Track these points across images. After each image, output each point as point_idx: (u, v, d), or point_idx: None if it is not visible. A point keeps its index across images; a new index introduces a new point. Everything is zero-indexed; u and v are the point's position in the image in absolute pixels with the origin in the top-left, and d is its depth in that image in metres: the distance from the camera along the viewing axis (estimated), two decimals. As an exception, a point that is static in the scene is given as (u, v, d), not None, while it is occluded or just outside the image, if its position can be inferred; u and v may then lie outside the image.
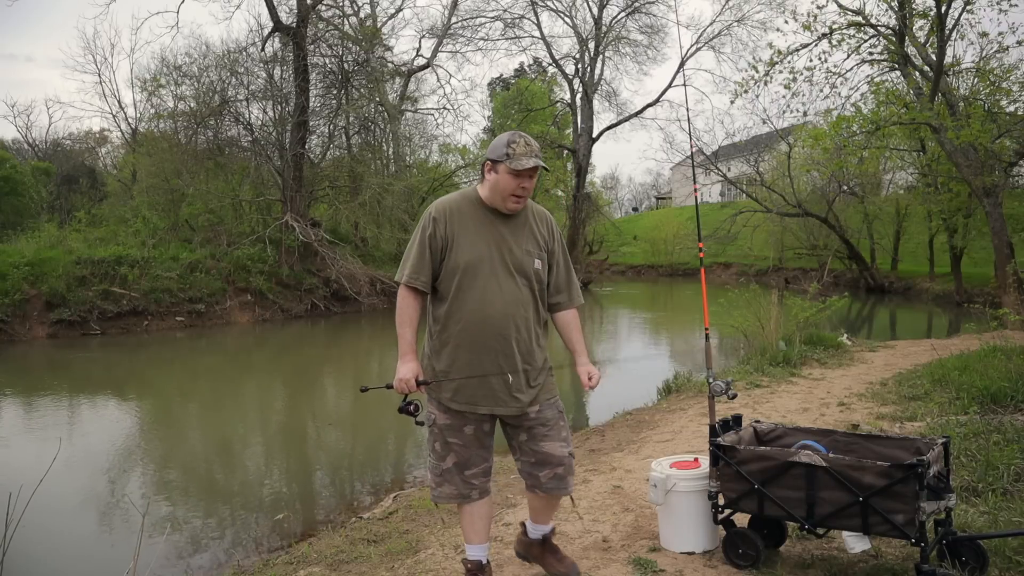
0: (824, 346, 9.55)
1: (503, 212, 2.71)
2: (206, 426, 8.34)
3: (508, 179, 2.64)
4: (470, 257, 2.66)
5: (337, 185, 21.46)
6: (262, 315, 17.38)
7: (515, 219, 2.75)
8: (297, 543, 4.27)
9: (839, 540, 3.15)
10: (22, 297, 14.30)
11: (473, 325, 2.65)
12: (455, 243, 2.67)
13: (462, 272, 2.66)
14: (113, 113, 41.90)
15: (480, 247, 2.67)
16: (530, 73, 36.17)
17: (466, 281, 2.66)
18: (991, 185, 14.89)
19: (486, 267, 2.66)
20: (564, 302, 2.86)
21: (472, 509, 2.81)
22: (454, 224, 2.68)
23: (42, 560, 4.38)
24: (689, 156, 30.11)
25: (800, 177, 25.15)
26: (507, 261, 2.69)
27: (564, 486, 2.78)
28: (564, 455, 2.77)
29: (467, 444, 2.73)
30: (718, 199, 39.89)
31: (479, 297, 2.65)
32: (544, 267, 2.78)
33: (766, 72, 16.37)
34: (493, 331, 2.65)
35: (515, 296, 2.69)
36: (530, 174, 2.65)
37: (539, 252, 2.76)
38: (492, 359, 2.66)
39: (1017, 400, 5.31)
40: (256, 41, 19.96)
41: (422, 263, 2.67)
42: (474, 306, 2.65)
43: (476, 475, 2.77)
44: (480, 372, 2.66)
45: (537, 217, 2.82)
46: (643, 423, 6.30)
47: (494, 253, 2.68)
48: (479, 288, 2.65)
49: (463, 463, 2.74)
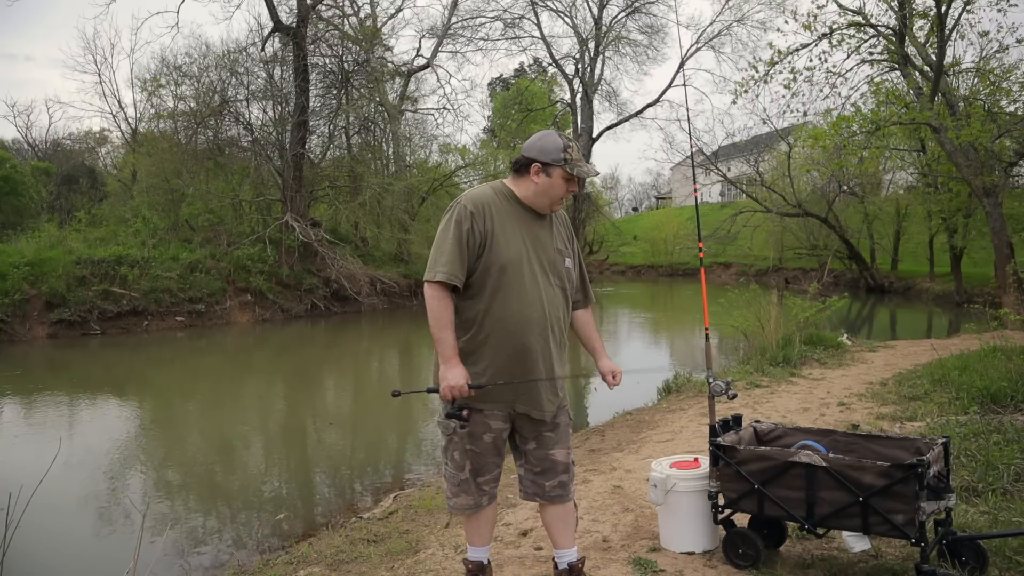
0: (824, 346, 9.56)
1: (539, 213, 2.67)
2: (206, 426, 8.33)
3: (562, 184, 2.62)
4: (509, 256, 2.57)
5: (337, 185, 21.46)
6: (262, 315, 17.38)
7: (545, 218, 2.71)
8: (297, 543, 4.27)
9: (839, 540, 3.15)
10: (22, 297, 14.30)
11: (516, 326, 2.57)
12: (493, 240, 2.57)
13: (502, 271, 2.56)
14: (113, 113, 41.99)
15: (518, 246, 2.60)
16: (530, 73, 36.20)
17: (506, 280, 2.57)
18: (991, 185, 14.88)
19: (525, 267, 2.60)
20: (581, 300, 2.85)
21: (481, 515, 2.76)
22: (492, 220, 2.58)
23: (42, 560, 4.38)
24: (689, 156, 30.11)
25: (800, 177, 25.15)
26: (543, 261, 2.65)
27: (566, 493, 2.74)
28: (568, 462, 2.74)
29: (483, 452, 2.66)
30: (718, 199, 39.90)
31: (520, 298, 2.57)
32: (572, 266, 2.76)
33: (766, 72, 16.38)
34: (535, 332, 2.59)
35: (552, 296, 2.66)
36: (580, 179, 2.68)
37: (566, 251, 2.74)
38: (534, 361, 2.59)
39: (1017, 400, 5.31)
40: (256, 41, 19.99)
41: (460, 259, 2.53)
42: (516, 307, 2.57)
43: (488, 482, 2.71)
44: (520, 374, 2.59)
45: (559, 217, 2.79)
46: (643, 423, 6.30)
47: (531, 252, 2.62)
48: (520, 288, 2.58)
49: (477, 470, 2.68)
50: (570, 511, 2.80)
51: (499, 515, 3.96)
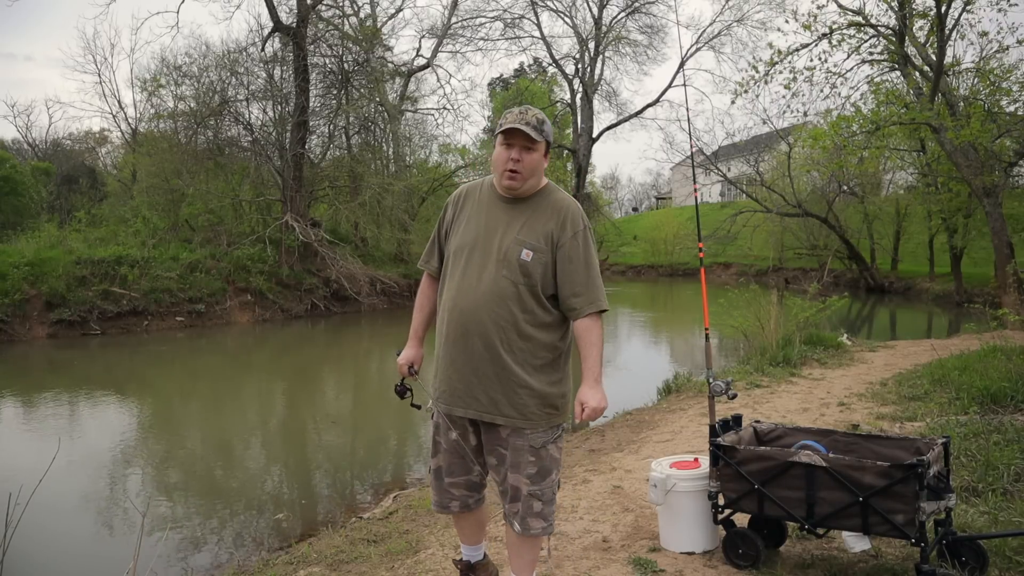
0: (824, 346, 9.55)
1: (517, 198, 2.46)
2: (206, 426, 8.33)
3: (499, 151, 2.40)
4: (460, 242, 2.49)
5: (337, 185, 21.46)
6: (262, 315, 17.37)
7: (523, 205, 2.46)
8: (297, 543, 4.27)
9: (839, 540, 3.15)
10: (22, 297, 14.29)
11: (448, 313, 2.45)
12: (454, 226, 2.55)
13: (451, 256, 2.51)
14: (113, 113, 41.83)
15: (472, 231, 2.47)
16: (530, 73, 36.20)
17: (451, 267, 2.49)
18: (991, 185, 14.89)
19: (473, 253, 2.43)
20: (580, 307, 2.41)
21: (459, 519, 2.67)
22: (462, 207, 2.55)
23: (42, 560, 4.38)
24: (689, 156, 30.11)
25: (800, 177, 25.15)
26: (494, 248, 2.41)
27: (525, 527, 2.45)
28: (525, 494, 2.44)
29: (449, 449, 2.55)
30: (718, 199, 39.89)
31: (456, 286, 2.44)
32: (541, 261, 2.39)
33: (766, 72, 16.39)
34: (463, 325, 2.40)
35: (492, 288, 2.37)
36: (523, 145, 2.36)
37: (534, 243, 2.40)
38: (459, 350, 2.42)
39: (1017, 400, 5.31)
40: (256, 41, 19.98)
41: (433, 248, 2.65)
42: (452, 294, 2.45)
43: (457, 485, 2.56)
44: (450, 365, 2.44)
45: (555, 206, 2.46)
46: (643, 423, 6.30)
47: (482, 238, 2.44)
48: (458, 276, 2.45)
49: (443, 467, 2.57)
50: (527, 545, 2.55)
51: (499, 514, 3.95)
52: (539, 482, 2.45)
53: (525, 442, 2.43)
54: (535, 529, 2.47)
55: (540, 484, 2.46)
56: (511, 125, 2.34)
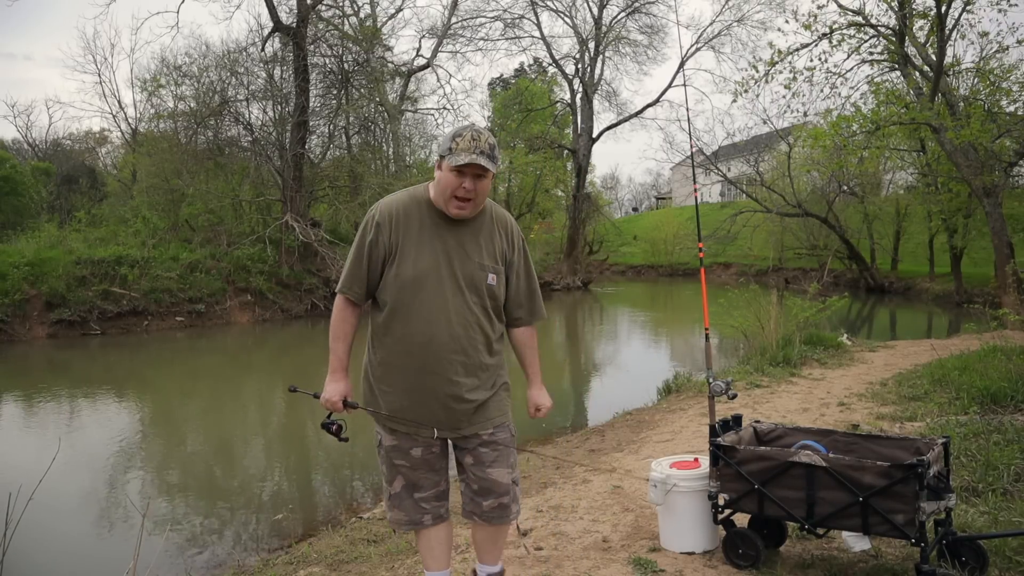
0: (824, 346, 9.56)
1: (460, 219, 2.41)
2: (206, 426, 8.33)
3: (450, 177, 2.31)
4: (416, 270, 2.38)
5: (337, 185, 21.46)
6: (262, 315, 17.38)
7: (469, 225, 2.43)
8: (297, 543, 4.27)
9: (839, 540, 3.15)
10: (22, 297, 14.31)
11: (416, 346, 2.39)
12: (400, 251, 2.39)
13: (405, 285, 2.39)
14: (113, 113, 41.93)
15: (427, 258, 2.39)
16: (530, 73, 36.17)
17: (408, 296, 2.39)
18: (991, 185, 14.89)
19: (432, 281, 2.38)
20: (524, 318, 2.56)
21: (428, 534, 2.59)
22: (399, 230, 2.40)
23: (42, 560, 4.38)
24: (689, 156, 30.11)
25: (800, 177, 25.15)
26: (457, 275, 2.40)
27: (506, 515, 2.52)
28: (509, 483, 2.51)
29: (415, 466, 2.51)
30: (718, 199, 39.90)
31: (423, 316, 2.38)
32: (500, 281, 2.47)
33: (766, 72, 16.40)
34: (437, 354, 2.39)
35: (463, 316, 2.40)
36: (476, 173, 2.31)
37: (494, 265, 2.45)
38: (434, 382, 2.41)
39: (1017, 400, 5.31)
40: (256, 41, 20.00)
41: (359, 272, 2.44)
42: (418, 326, 2.38)
43: (428, 499, 2.55)
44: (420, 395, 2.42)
45: (497, 223, 2.50)
46: (643, 423, 6.30)
47: (443, 266, 2.39)
48: (423, 305, 2.38)
49: (412, 485, 2.54)
50: (504, 531, 2.65)
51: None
52: (515, 467, 2.57)
53: (507, 433, 2.54)
54: (514, 513, 2.55)
55: (516, 469, 2.58)
56: (468, 159, 2.26)
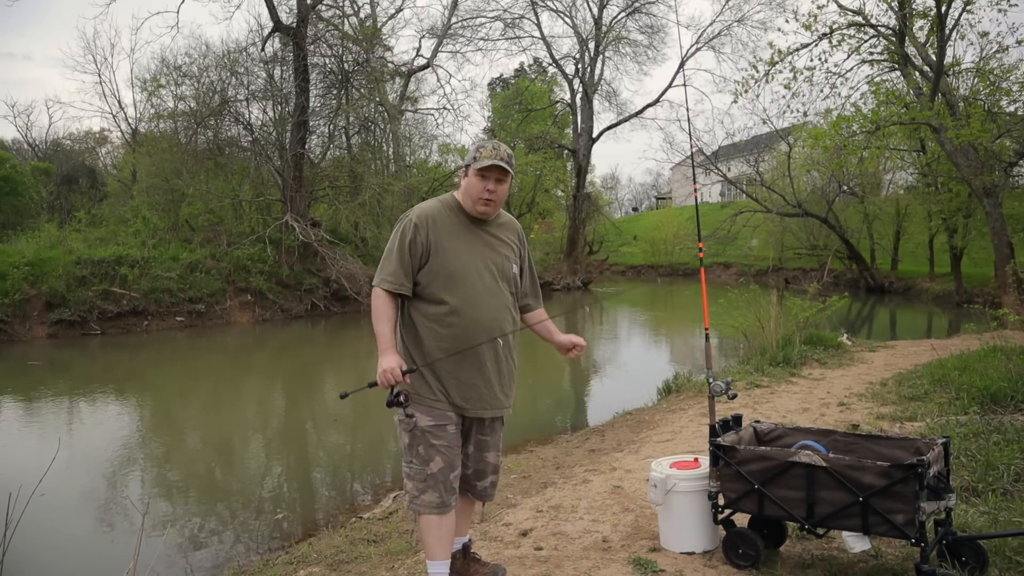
0: (824, 346, 9.55)
1: (477, 217, 2.80)
2: (206, 426, 8.33)
3: (476, 181, 2.73)
4: (459, 262, 2.73)
5: (337, 185, 21.45)
6: (262, 315, 17.38)
7: (491, 225, 2.84)
8: (297, 543, 4.27)
9: (839, 540, 3.15)
10: (22, 297, 14.30)
11: (464, 330, 2.70)
12: (438, 249, 2.73)
13: (452, 276, 2.71)
14: (113, 113, 41.90)
15: (465, 253, 2.75)
16: (530, 73, 36.15)
17: (454, 286, 2.71)
18: (991, 185, 14.89)
19: (473, 272, 2.74)
20: (533, 304, 2.99)
21: (446, 521, 2.72)
22: (436, 230, 2.74)
23: (42, 560, 4.38)
24: (689, 156, 30.11)
25: (800, 177, 25.13)
26: (491, 266, 2.78)
27: (495, 491, 2.96)
28: (497, 463, 2.92)
29: (451, 444, 2.72)
30: (718, 199, 39.89)
31: (470, 302, 2.71)
32: (519, 273, 2.90)
33: (766, 72, 16.39)
34: (484, 337, 2.71)
35: (501, 301, 2.78)
36: (497, 177, 2.73)
37: (515, 257, 2.88)
38: (482, 363, 2.73)
39: (1017, 400, 5.31)
40: (256, 41, 19.99)
41: (401, 268, 2.71)
42: (466, 311, 2.70)
43: (456, 478, 2.75)
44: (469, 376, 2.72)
45: (508, 224, 2.93)
46: (643, 423, 6.30)
47: (478, 259, 2.76)
48: (468, 293, 2.71)
49: (449, 465, 2.71)
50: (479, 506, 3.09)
51: (499, 515, 3.96)
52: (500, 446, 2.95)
53: (500, 422, 2.90)
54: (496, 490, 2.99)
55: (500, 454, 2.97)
56: (491, 162, 2.69)
